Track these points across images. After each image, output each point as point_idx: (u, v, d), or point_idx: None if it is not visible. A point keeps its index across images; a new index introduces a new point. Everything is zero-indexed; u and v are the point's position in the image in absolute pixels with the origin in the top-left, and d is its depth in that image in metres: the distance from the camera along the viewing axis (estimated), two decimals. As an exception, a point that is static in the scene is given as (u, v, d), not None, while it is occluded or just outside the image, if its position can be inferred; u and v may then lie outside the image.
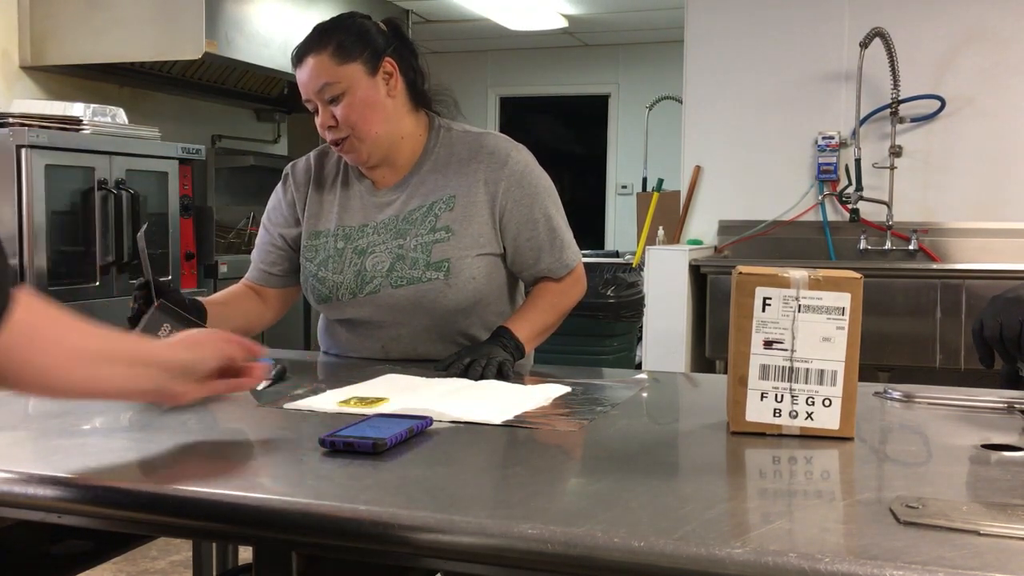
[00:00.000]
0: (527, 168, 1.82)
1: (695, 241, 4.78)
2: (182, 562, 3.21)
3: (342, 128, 1.73)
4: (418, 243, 1.77)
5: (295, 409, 1.39)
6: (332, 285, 1.82)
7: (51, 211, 3.44)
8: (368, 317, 1.82)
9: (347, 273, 1.80)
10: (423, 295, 1.76)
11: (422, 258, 1.76)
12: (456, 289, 1.76)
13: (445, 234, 1.77)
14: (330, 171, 1.90)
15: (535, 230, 1.81)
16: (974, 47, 4.26)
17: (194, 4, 3.99)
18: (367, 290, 1.79)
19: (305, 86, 1.73)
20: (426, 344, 1.83)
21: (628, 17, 6.55)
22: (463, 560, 0.92)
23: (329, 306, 1.85)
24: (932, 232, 4.48)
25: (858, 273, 1.23)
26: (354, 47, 1.72)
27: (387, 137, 1.78)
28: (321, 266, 1.83)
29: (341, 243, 1.82)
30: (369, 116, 1.74)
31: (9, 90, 4.09)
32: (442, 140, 1.84)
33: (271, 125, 5.86)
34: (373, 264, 1.79)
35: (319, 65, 1.71)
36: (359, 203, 1.84)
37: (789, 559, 0.82)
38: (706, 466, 1.18)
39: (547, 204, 1.83)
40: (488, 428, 1.29)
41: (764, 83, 4.71)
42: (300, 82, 1.74)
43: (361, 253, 1.80)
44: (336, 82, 1.71)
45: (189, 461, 1.12)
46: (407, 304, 1.78)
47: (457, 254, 1.76)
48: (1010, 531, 0.86)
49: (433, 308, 1.77)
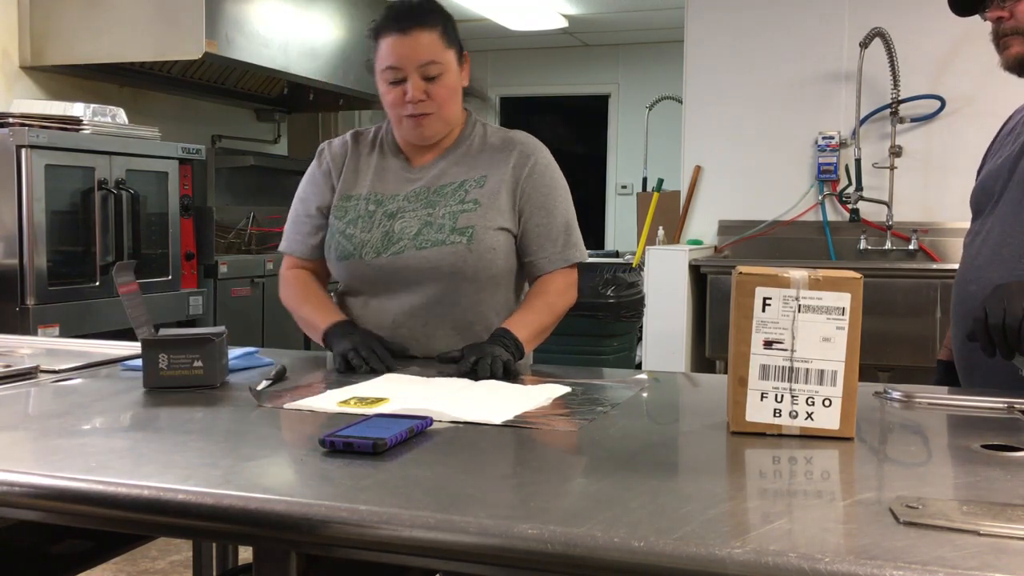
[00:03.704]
0: (550, 165, 1.94)
1: (695, 241, 4.79)
2: (182, 562, 3.21)
3: (430, 104, 1.83)
4: (446, 212, 1.86)
5: (295, 409, 1.39)
6: (359, 242, 1.87)
7: (51, 211, 3.44)
8: (386, 279, 1.86)
9: (375, 232, 1.87)
10: (444, 257, 1.82)
11: (448, 224, 1.84)
12: (477, 256, 1.83)
13: (473, 206, 1.86)
14: (365, 147, 1.99)
15: (547, 218, 1.90)
16: (974, 47, 4.26)
17: (194, 4, 3.99)
18: (392, 250, 1.85)
19: (405, 56, 1.79)
20: (435, 321, 1.85)
21: (628, 17, 6.55)
22: (463, 560, 0.92)
23: (350, 263, 1.88)
24: (932, 232, 4.48)
25: (858, 273, 1.23)
26: (453, 35, 1.87)
27: (455, 121, 1.92)
28: (350, 224, 1.89)
29: (372, 206, 1.90)
30: (453, 100, 1.88)
31: (9, 90, 4.09)
32: (477, 131, 1.96)
33: (271, 125, 5.86)
34: (401, 227, 1.86)
35: (430, 41, 1.80)
36: (393, 175, 1.93)
37: (789, 559, 0.82)
38: (706, 466, 1.18)
39: (562, 200, 1.93)
40: (488, 428, 1.29)
41: (764, 83, 4.71)
42: (397, 49, 1.79)
43: (391, 216, 1.88)
44: (440, 63, 1.82)
45: (189, 461, 1.12)
46: (427, 267, 1.83)
47: (481, 223, 1.84)
48: (1010, 531, 0.86)
49: (452, 273, 1.83)
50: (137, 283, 1.61)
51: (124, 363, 1.73)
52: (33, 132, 3.36)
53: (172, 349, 1.53)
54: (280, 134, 5.95)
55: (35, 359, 1.70)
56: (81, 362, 1.73)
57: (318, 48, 4.91)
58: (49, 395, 1.53)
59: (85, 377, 1.65)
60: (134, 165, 3.80)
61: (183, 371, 1.53)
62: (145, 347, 1.54)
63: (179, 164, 4.06)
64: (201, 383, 1.53)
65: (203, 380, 1.53)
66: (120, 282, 1.61)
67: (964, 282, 1.68)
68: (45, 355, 1.88)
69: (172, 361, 1.53)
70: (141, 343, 1.54)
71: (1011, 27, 1.57)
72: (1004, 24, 1.58)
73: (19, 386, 1.57)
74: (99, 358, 1.76)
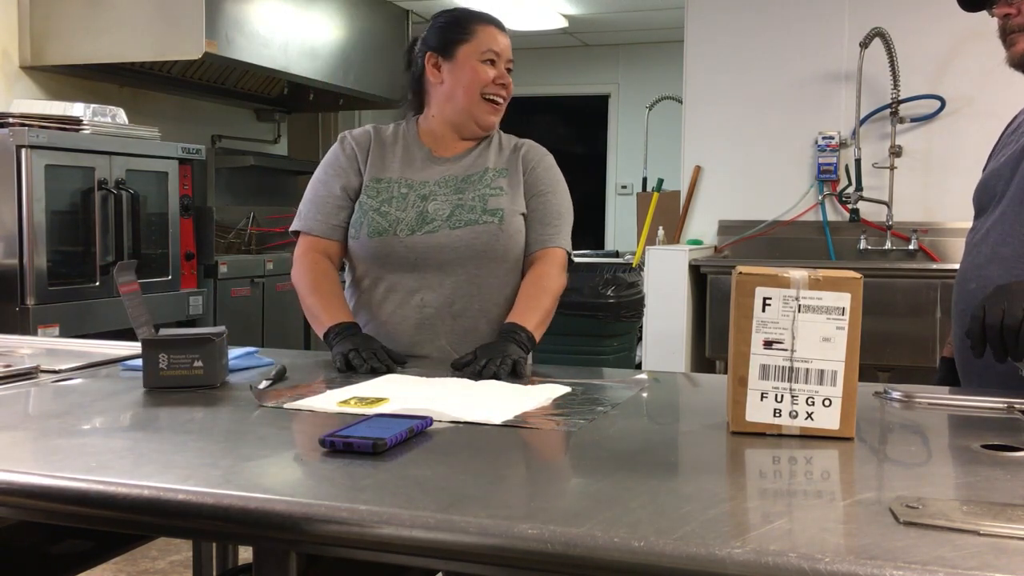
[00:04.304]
0: (553, 166, 2.11)
1: (695, 241, 4.78)
2: (182, 562, 3.21)
3: (507, 93, 2.05)
4: (476, 195, 1.97)
5: (295, 409, 1.39)
6: (393, 220, 1.94)
7: (51, 211, 3.45)
8: (417, 258, 1.92)
9: (410, 212, 1.95)
10: (478, 236, 1.93)
11: (479, 205, 1.96)
12: (507, 236, 1.95)
13: (499, 191, 1.98)
14: (388, 137, 2.07)
15: (543, 204, 2.02)
16: (974, 47, 4.26)
17: (194, 4, 3.99)
18: (426, 229, 1.93)
19: (505, 49, 2.03)
20: (462, 301, 1.93)
21: (628, 17, 6.55)
22: (463, 560, 0.92)
23: (383, 240, 1.93)
24: (932, 232, 4.48)
25: (858, 273, 1.23)
26: None
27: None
28: (384, 202, 1.97)
29: (404, 189, 1.99)
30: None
31: (9, 90, 4.09)
32: (495, 135, 2.10)
33: (271, 125, 5.86)
34: (435, 208, 1.95)
35: (509, 44, 2.05)
36: (421, 164, 2.03)
37: (789, 559, 0.82)
38: (706, 466, 1.18)
39: (560, 194, 2.07)
40: (488, 428, 1.29)
41: (764, 83, 4.71)
42: (498, 40, 2.02)
43: (424, 199, 1.97)
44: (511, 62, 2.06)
45: (189, 461, 1.12)
46: (461, 245, 1.92)
47: (509, 207, 1.97)
48: (1010, 531, 0.86)
49: (484, 251, 1.93)
50: (138, 283, 1.61)
51: (124, 363, 1.73)
52: (33, 132, 3.36)
53: (172, 349, 1.53)
54: (280, 134, 5.95)
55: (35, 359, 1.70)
56: (81, 362, 1.73)
57: (318, 48, 4.91)
58: (49, 395, 1.53)
59: (85, 377, 1.65)
60: (134, 165, 3.80)
61: (183, 371, 1.53)
62: (145, 347, 1.54)
63: (179, 164, 4.06)
64: (201, 383, 1.53)
65: (203, 380, 1.53)
66: (121, 282, 1.61)
67: (964, 280, 1.68)
68: (45, 355, 1.87)
69: (172, 361, 1.53)
70: (141, 343, 1.54)
71: (1019, 23, 1.57)
72: (1012, 20, 1.58)
73: (19, 386, 1.57)
74: (99, 358, 1.76)
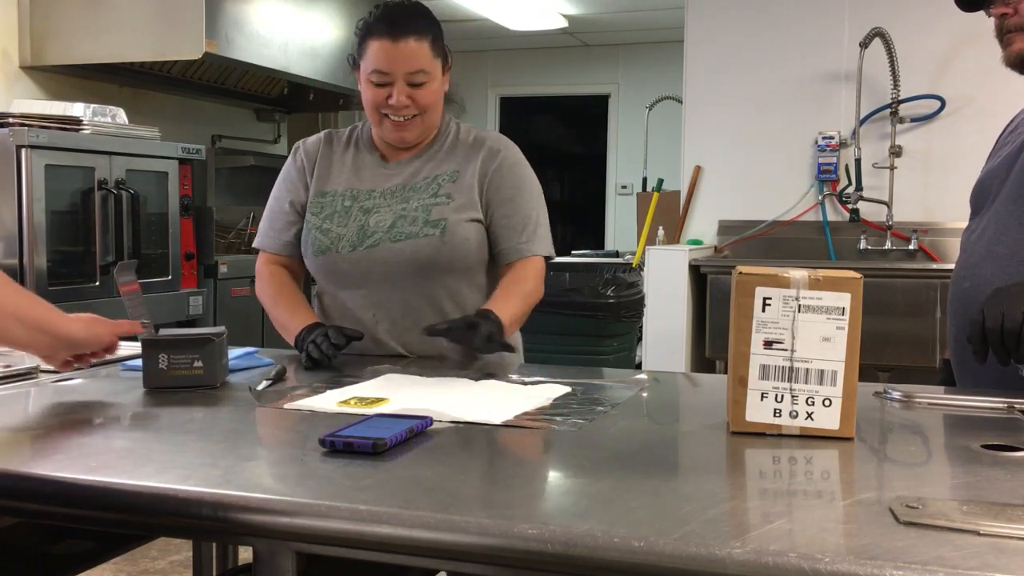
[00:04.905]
0: (517, 162, 1.98)
1: (695, 241, 4.79)
2: (182, 562, 3.21)
3: (413, 109, 1.88)
4: (419, 205, 1.89)
5: (295, 409, 1.39)
6: (335, 237, 1.90)
7: (51, 211, 3.44)
8: (362, 273, 1.88)
9: (351, 227, 1.90)
10: (419, 250, 1.85)
11: (421, 216, 1.88)
12: (450, 247, 1.86)
13: (445, 199, 1.90)
14: (340, 145, 2.02)
15: (511, 210, 1.93)
16: (974, 47, 4.26)
17: (194, 4, 3.99)
18: (367, 243, 1.88)
19: (395, 62, 1.82)
20: (413, 312, 1.88)
21: (628, 17, 6.55)
22: (463, 560, 0.92)
23: (326, 258, 1.91)
24: (932, 232, 4.48)
25: (858, 273, 1.23)
26: (441, 44, 1.90)
27: (435, 125, 1.97)
28: (326, 219, 1.93)
29: (348, 202, 1.93)
30: (436, 105, 1.93)
31: (9, 90, 4.09)
32: (451, 130, 2.00)
33: (271, 125, 5.86)
34: (376, 221, 1.89)
35: (421, 51, 1.84)
36: (370, 171, 1.97)
37: (789, 559, 0.82)
38: (706, 466, 1.18)
39: (527, 195, 1.96)
40: (488, 428, 1.29)
41: (764, 83, 4.71)
42: (387, 55, 1.82)
43: (366, 212, 1.91)
44: (428, 71, 1.86)
45: (189, 461, 1.12)
46: (402, 260, 1.86)
47: (454, 216, 1.88)
48: (1010, 531, 0.86)
49: (427, 265, 1.86)
50: (138, 283, 1.61)
51: (124, 363, 1.73)
52: (33, 132, 3.35)
53: (172, 349, 1.53)
54: (280, 134, 5.95)
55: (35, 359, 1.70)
56: (81, 362, 1.73)
57: (318, 48, 4.91)
58: (49, 395, 1.53)
59: (85, 377, 1.65)
60: (134, 165, 3.80)
61: (183, 371, 1.53)
62: (145, 347, 1.54)
63: (179, 164, 4.06)
64: (201, 383, 1.53)
65: (203, 380, 1.53)
66: (121, 282, 1.61)
67: (959, 279, 1.69)
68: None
69: (172, 361, 1.53)
70: (141, 343, 1.54)
71: (1015, 23, 1.57)
72: (1008, 20, 1.58)
73: (19, 386, 1.57)
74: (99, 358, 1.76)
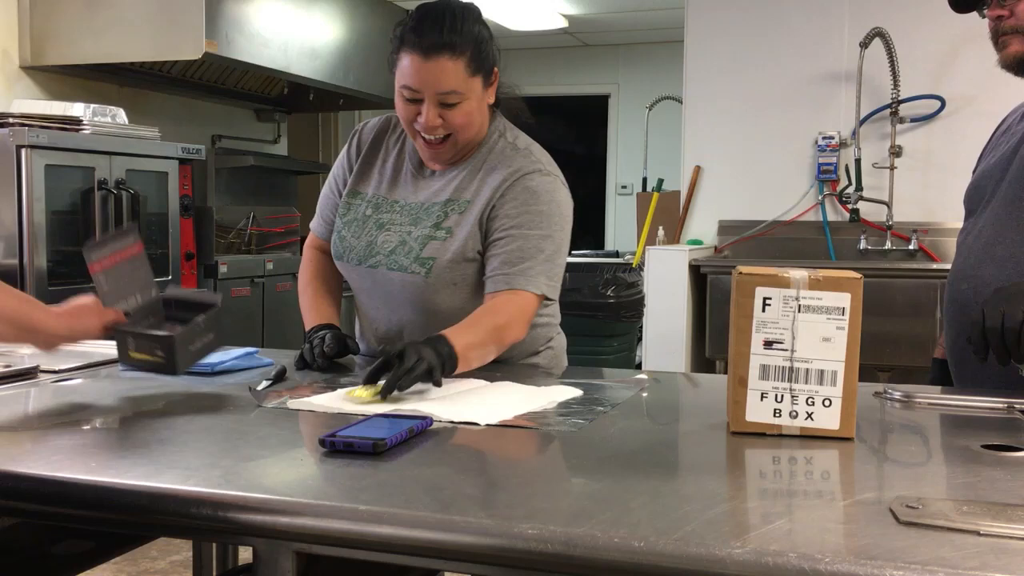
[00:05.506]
0: (537, 192, 1.76)
1: (695, 241, 4.78)
2: (182, 562, 3.21)
3: (446, 129, 1.72)
4: (421, 234, 1.79)
5: (295, 409, 1.39)
6: (347, 246, 1.86)
7: (51, 211, 3.44)
8: (367, 285, 1.87)
9: (362, 240, 1.85)
10: (406, 285, 1.79)
11: (416, 249, 1.78)
12: (433, 290, 1.76)
13: (445, 234, 1.77)
14: (392, 136, 1.91)
15: (506, 242, 1.74)
16: (974, 47, 4.26)
17: (194, 4, 3.99)
18: (369, 263, 1.83)
19: (425, 81, 1.67)
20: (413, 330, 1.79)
21: (628, 17, 6.55)
22: (463, 560, 0.92)
23: (341, 264, 1.91)
24: (932, 232, 4.48)
25: (858, 273, 1.23)
26: (483, 60, 1.73)
27: (472, 142, 1.80)
28: (346, 225, 1.88)
29: (370, 211, 1.86)
30: (473, 123, 1.76)
31: (9, 90, 4.09)
32: (492, 145, 1.83)
33: (271, 125, 5.86)
34: (383, 241, 1.82)
35: (455, 70, 1.67)
36: (403, 180, 1.87)
37: (789, 559, 0.82)
38: (706, 466, 1.18)
39: (535, 228, 1.74)
40: (488, 429, 1.29)
41: (764, 83, 4.71)
42: (417, 72, 1.67)
43: (380, 227, 1.84)
44: (463, 92, 1.70)
45: (189, 461, 1.12)
46: (394, 289, 1.81)
47: (442, 259, 1.75)
48: (1010, 531, 0.86)
49: (415, 301, 1.79)
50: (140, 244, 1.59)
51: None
52: (33, 132, 3.36)
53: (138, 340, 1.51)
54: (280, 134, 5.95)
55: (35, 359, 1.70)
56: (81, 362, 1.73)
57: (318, 48, 4.91)
58: (49, 395, 1.53)
59: (85, 377, 1.65)
60: (134, 165, 3.80)
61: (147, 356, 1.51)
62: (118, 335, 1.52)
63: (179, 164, 4.06)
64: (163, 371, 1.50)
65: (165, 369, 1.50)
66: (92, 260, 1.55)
67: (956, 280, 1.68)
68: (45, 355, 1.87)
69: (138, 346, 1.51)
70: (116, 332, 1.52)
71: (1011, 26, 1.57)
72: (1004, 22, 1.58)
73: (19, 386, 1.57)
74: (99, 358, 1.76)
